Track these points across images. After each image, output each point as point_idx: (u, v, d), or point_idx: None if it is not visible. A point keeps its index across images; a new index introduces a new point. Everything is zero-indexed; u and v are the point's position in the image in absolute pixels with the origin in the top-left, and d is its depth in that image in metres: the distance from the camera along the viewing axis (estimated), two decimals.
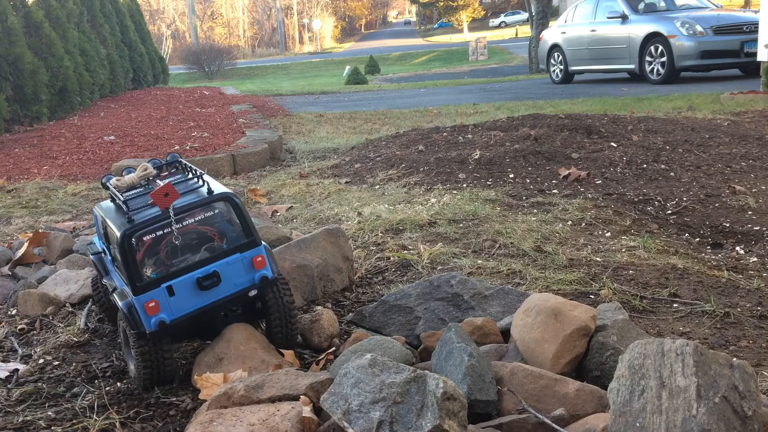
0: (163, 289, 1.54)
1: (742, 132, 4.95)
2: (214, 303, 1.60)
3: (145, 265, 1.54)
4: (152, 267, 1.55)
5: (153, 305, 1.53)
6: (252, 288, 1.63)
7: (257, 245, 1.63)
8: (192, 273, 1.56)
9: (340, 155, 5.35)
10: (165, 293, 1.54)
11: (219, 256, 1.59)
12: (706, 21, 10.16)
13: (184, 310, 1.57)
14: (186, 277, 1.56)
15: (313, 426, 1.29)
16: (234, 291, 1.62)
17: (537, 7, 16.90)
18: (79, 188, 4.54)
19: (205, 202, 1.59)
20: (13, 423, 1.54)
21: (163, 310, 1.54)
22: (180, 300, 1.56)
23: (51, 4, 9.54)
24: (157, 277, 1.54)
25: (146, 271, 1.54)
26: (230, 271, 1.60)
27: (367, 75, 20.42)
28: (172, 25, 48.82)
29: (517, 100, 9.61)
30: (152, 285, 1.53)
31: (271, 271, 1.65)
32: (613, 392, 1.13)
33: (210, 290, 1.58)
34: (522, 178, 3.81)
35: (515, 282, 2.25)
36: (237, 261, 1.61)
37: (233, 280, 1.61)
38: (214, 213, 1.61)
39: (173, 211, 1.54)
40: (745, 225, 3.00)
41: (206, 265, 1.57)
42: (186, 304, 1.57)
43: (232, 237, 1.62)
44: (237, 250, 1.61)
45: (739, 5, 24.79)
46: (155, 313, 1.53)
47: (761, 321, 1.94)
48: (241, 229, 1.61)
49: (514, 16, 54.18)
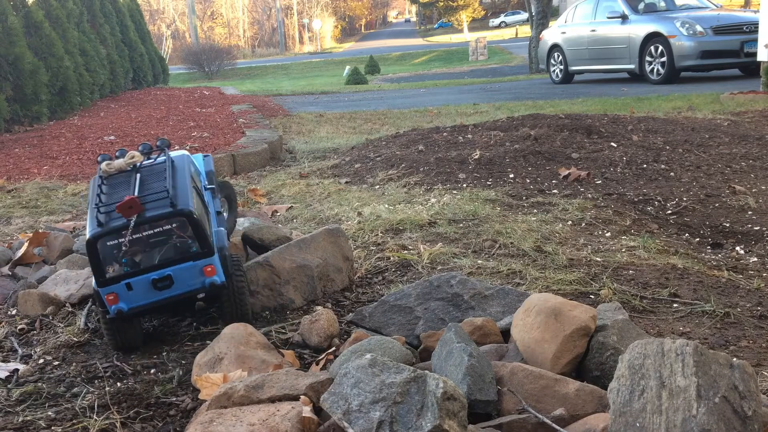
0: (123, 284, 1.76)
1: (742, 132, 4.95)
2: (167, 299, 1.81)
3: (108, 263, 1.75)
4: (114, 266, 1.76)
5: (112, 297, 1.77)
6: (201, 291, 1.83)
7: (210, 255, 1.81)
8: (148, 274, 1.77)
9: (340, 155, 5.36)
10: (124, 288, 1.76)
11: (174, 262, 1.78)
12: (706, 21, 10.15)
13: (140, 302, 1.79)
14: (143, 277, 1.77)
15: (313, 426, 1.29)
16: (185, 291, 1.82)
17: (537, 7, 16.90)
18: (79, 188, 4.54)
19: (164, 216, 1.75)
20: (13, 423, 1.54)
21: (121, 301, 1.77)
22: (137, 294, 1.78)
23: (51, 4, 9.54)
24: (117, 275, 1.75)
25: (109, 269, 1.75)
26: (183, 275, 1.80)
27: (367, 75, 20.43)
28: (172, 25, 48.82)
29: (517, 100, 9.61)
30: (113, 281, 1.75)
31: (221, 276, 1.84)
32: (613, 392, 1.13)
33: (164, 289, 1.80)
34: (522, 178, 3.81)
35: (515, 282, 2.25)
36: (190, 268, 1.80)
37: (186, 282, 1.81)
38: (171, 227, 1.77)
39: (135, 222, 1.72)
40: (745, 225, 3.01)
41: (162, 269, 1.77)
42: (142, 297, 1.79)
43: (187, 246, 1.79)
44: (190, 258, 1.79)
45: (739, 5, 24.79)
46: (114, 304, 1.77)
47: (761, 321, 1.94)
48: (197, 240, 1.79)
49: (514, 16, 54.18)
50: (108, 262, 1.75)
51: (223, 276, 1.85)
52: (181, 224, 1.77)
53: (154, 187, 1.81)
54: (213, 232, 1.94)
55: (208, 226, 1.91)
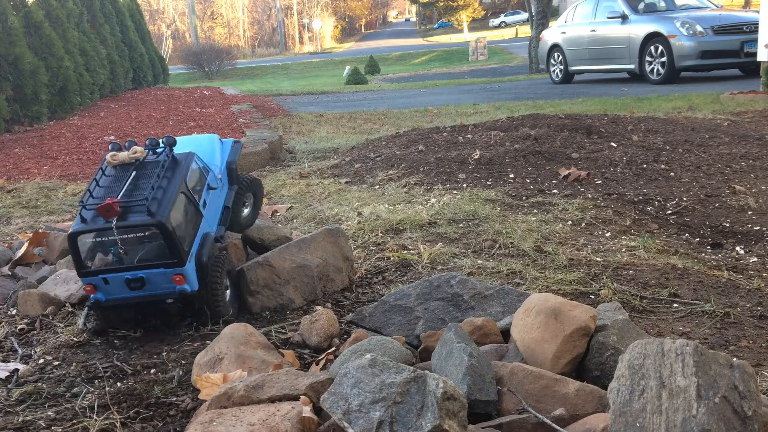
0: (99, 278, 1.88)
1: (742, 132, 4.95)
2: (140, 298, 1.92)
3: (88, 256, 1.87)
4: (93, 259, 1.88)
5: (89, 288, 1.90)
6: (171, 296, 1.91)
7: (180, 266, 1.88)
8: (123, 273, 1.87)
9: (340, 155, 5.35)
10: (101, 281, 1.89)
11: (147, 266, 1.87)
12: (706, 21, 10.15)
13: (116, 295, 1.91)
14: (117, 274, 1.88)
15: (313, 426, 1.29)
16: (156, 293, 1.91)
17: (537, 7, 16.90)
18: (79, 188, 4.54)
19: (138, 224, 1.83)
20: (13, 423, 1.54)
21: (99, 292, 1.90)
22: (113, 288, 1.90)
23: (51, 4, 9.54)
24: (95, 270, 1.87)
25: (88, 263, 1.87)
26: (155, 278, 1.89)
27: (367, 75, 20.42)
28: (172, 25, 48.81)
29: (517, 100, 9.61)
30: (91, 273, 1.87)
31: (193, 285, 1.92)
32: (613, 392, 1.13)
33: (137, 289, 1.90)
34: (522, 178, 3.81)
35: (515, 282, 2.25)
36: (160, 274, 1.88)
37: (157, 286, 1.90)
38: (147, 234, 1.85)
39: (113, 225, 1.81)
40: (745, 225, 3.01)
41: (136, 271, 1.87)
42: (117, 292, 1.91)
43: (161, 251, 1.87)
44: (162, 266, 1.88)
45: (739, 5, 24.79)
46: (92, 293, 1.90)
47: (761, 321, 1.94)
48: (168, 250, 1.86)
49: (514, 16, 54.17)
50: (87, 256, 1.87)
51: (195, 284, 1.92)
52: (154, 233, 1.84)
53: (141, 188, 1.89)
54: (198, 236, 1.99)
55: (193, 232, 1.97)
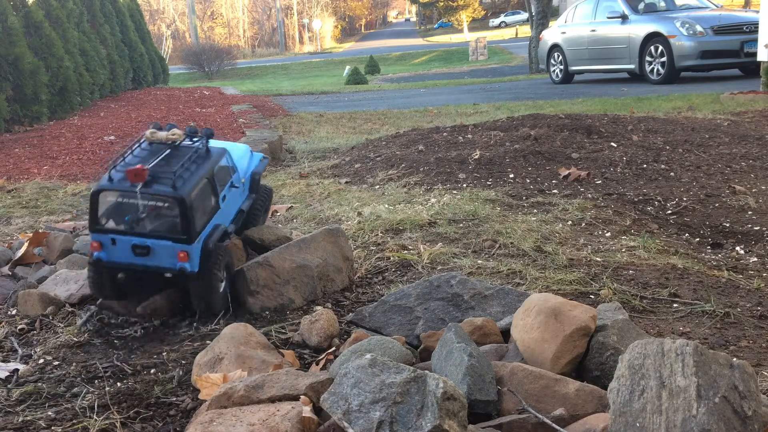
0: (108, 237, 1.93)
1: (742, 132, 4.95)
2: (142, 266, 1.96)
3: (104, 215, 1.93)
4: (108, 218, 1.94)
5: (96, 245, 1.95)
6: (170, 271, 1.95)
7: (188, 243, 1.92)
8: (131, 237, 1.92)
9: (340, 155, 5.35)
10: (109, 240, 1.94)
11: (155, 236, 1.92)
12: (706, 21, 10.15)
13: (118, 258, 1.95)
14: (126, 237, 1.92)
15: (313, 426, 1.29)
16: (158, 265, 1.95)
17: (537, 7, 16.90)
18: (79, 188, 4.54)
19: (160, 194, 1.90)
20: (13, 423, 1.54)
21: (103, 251, 1.95)
22: (118, 251, 1.94)
23: (51, 4, 9.54)
24: (106, 228, 1.93)
25: (102, 220, 1.93)
26: (160, 250, 1.93)
27: (367, 75, 20.42)
28: (172, 25, 48.81)
29: (517, 100, 9.61)
30: (101, 231, 1.93)
31: (194, 266, 1.95)
32: (613, 392, 1.13)
33: (141, 256, 1.94)
34: (522, 178, 3.81)
35: (515, 282, 2.25)
36: (167, 246, 1.93)
37: (160, 258, 1.94)
38: (165, 205, 1.91)
39: (134, 189, 1.89)
40: (745, 225, 3.01)
41: (144, 238, 1.92)
42: (121, 255, 1.95)
43: (173, 226, 1.92)
44: (170, 239, 1.92)
45: (739, 5, 24.79)
46: (96, 251, 1.95)
47: (761, 321, 1.94)
48: (180, 226, 1.91)
49: (514, 16, 54.16)
50: (103, 214, 1.93)
51: (196, 266, 1.96)
52: (172, 206, 1.90)
53: (171, 165, 1.96)
54: (211, 224, 2.04)
55: (207, 218, 2.02)
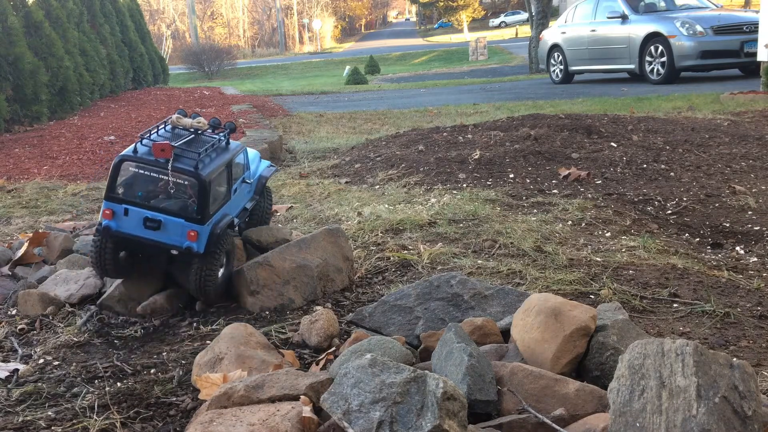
0: (122, 207, 1.99)
1: (742, 132, 4.95)
2: (149, 240, 2.01)
3: (122, 185, 2.00)
4: (125, 188, 2.01)
5: (108, 212, 1.99)
6: (177, 249, 2.01)
7: (200, 223, 1.99)
8: (145, 210, 1.99)
9: (340, 155, 5.35)
10: (122, 210, 1.99)
11: (169, 212, 1.99)
12: (706, 21, 10.15)
13: (128, 230, 2.00)
14: (139, 210, 1.99)
15: (313, 426, 1.29)
16: (166, 241, 2.00)
17: (537, 7, 16.90)
18: (79, 188, 4.54)
19: (180, 171, 1.97)
20: (13, 423, 1.54)
21: (114, 220, 2.00)
22: (129, 222, 1.99)
23: (51, 4, 9.54)
24: (122, 197, 2.00)
25: (119, 189, 2.00)
26: (171, 226, 1.99)
27: (367, 75, 20.42)
28: (172, 25, 48.81)
29: (517, 100, 9.61)
30: (117, 200, 1.99)
31: (201, 247, 2.00)
32: (613, 392, 1.13)
33: (150, 230, 1.99)
34: (522, 178, 3.81)
35: (515, 282, 2.25)
36: (178, 224, 1.99)
37: (169, 234, 2.00)
38: (185, 182, 1.98)
39: (157, 164, 1.96)
40: (745, 225, 3.00)
41: (157, 212, 1.98)
42: (131, 227, 2.00)
43: (187, 206, 2.00)
44: (182, 217, 1.98)
45: (739, 5, 24.79)
46: (107, 219, 2.00)
47: (761, 321, 1.94)
48: (196, 204, 1.98)
49: (514, 16, 54.14)
50: (121, 183, 2.00)
51: (202, 247, 2.01)
52: (191, 184, 1.97)
53: (193, 148, 2.03)
54: (221, 212, 2.11)
55: (219, 205, 2.09)
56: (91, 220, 3.51)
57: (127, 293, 2.19)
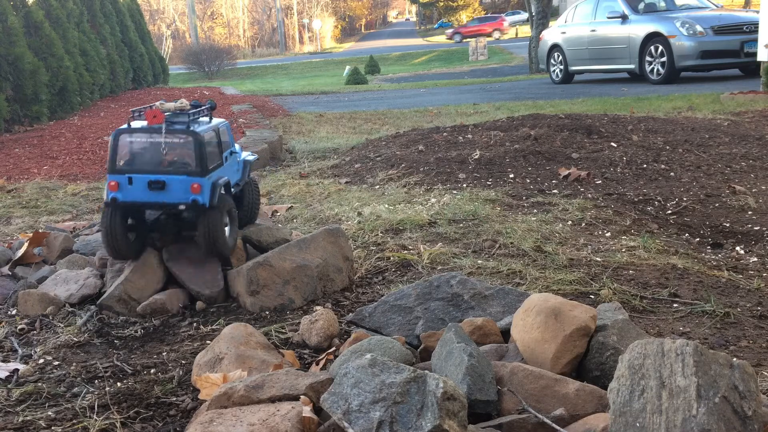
0: (126, 177, 2.11)
1: (742, 132, 4.95)
2: (156, 203, 2.14)
3: (123, 158, 2.13)
4: (126, 160, 2.13)
5: (113, 184, 2.12)
6: (184, 204, 2.13)
7: (201, 176, 2.12)
8: (147, 175, 2.11)
9: (340, 155, 5.35)
10: (126, 180, 2.12)
11: (170, 172, 2.12)
12: (706, 21, 10.15)
13: (134, 197, 2.13)
14: (143, 176, 2.11)
15: (313, 426, 1.29)
16: (172, 201, 2.13)
17: (537, 7, 16.90)
18: (79, 188, 4.54)
19: (175, 131, 2.12)
20: (13, 423, 1.54)
21: (120, 191, 2.12)
22: (134, 190, 2.12)
23: (51, 4, 9.54)
24: (123, 168, 2.13)
25: (120, 162, 2.13)
26: (174, 185, 2.11)
27: (367, 75, 20.41)
28: (172, 25, 48.81)
29: (517, 100, 9.61)
30: (120, 171, 2.12)
31: (205, 199, 2.12)
32: (613, 392, 1.13)
33: (156, 192, 2.11)
34: (522, 178, 3.81)
35: (515, 282, 2.25)
36: (182, 181, 2.12)
37: (174, 193, 2.12)
38: (181, 141, 2.12)
39: (151, 130, 2.12)
40: (745, 225, 3.00)
41: (159, 175, 2.11)
42: (137, 194, 2.13)
43: (186, 165, 2.13)
44: (185, 173, 2.12)
45: (740, 5, 24.79)
46: (113, 191, 2.12)
47: (761, 321, 1.94)
48: (195, 160, 2.12)
49: (514, 16, 54.11)
50: (120, 156, 2.13)
51: (207, 199, 2.12)
52: (186, 142, 2.12)
53: (181, 118, 2.19)
54: (217, 172, 2.23)
55: (216, 163, 2.22)
56: (91, 220, 3.51)
57: (127, 293, 2.19)
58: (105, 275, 2.38)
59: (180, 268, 2.27)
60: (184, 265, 2.28)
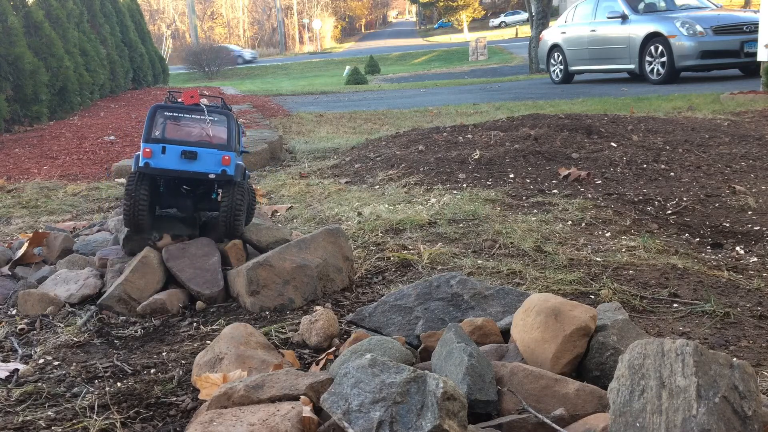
0: (160, 146, 2.27)
1: (742, 132, 4.95)
2: (187, 171, 2.28)
3: (158, 129, 2.30)
4: (161, 130, 2.30)
5: (148, 150, 2.26)
6: (214, 174, 2.28)
7: (231, 151, 2.31)
8: (181, 146, 2.28)
9: (340, 155, 5.35)
10: (159, 149, 2.26)
11: (203, 145, 2.29)
12: (706, 21, 10.15)
13: (165, 165, 2.27)
14: (176, 146, 2.27)
15: (313, 426, 1.29)
16: (203, 170, 2.28)
17: (537, 7, 16.90)
18: (79, 188, 4.54)
19: (211, 110, 2.34)
20: (13, 423, 1.54)
21: (152, 158, 2.26)
22: (167, 158, 2.27)
23: (51, 4, 9.54)
24: (159, 137, 2.29)
25: (156, 132, 2.29)
26: (206, 156, 2.28)
27: (367, 75, 20.42)
28: (172, 25, 48.81)
29: (517, 100, 9.61)
30: (155, 140, 2.28)
31: (233, 171, 2.29)
32: (613, 392, 1.13)
33: (187, 161, 2.27)
34: (522, 178, 3.81)
35: (515, 282, 2.25)
36: (213, 153, 2.29)
37: (205, 163, 2.28)
38: (215, 119, 2.33)
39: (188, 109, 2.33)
40: (745, 225, 3.00)
41: (193, 146, 2.28)
42: (169, 162, 2.27)
43: (220, 137, 2.32)
44: (216, 147, 2.30)
45: (739, 5, 24.78)
46: (147, 157, 2.26)
47: (761, 321, 1.94)
48: (227, 136, 2.31)
49: (514, 16, 54.16)
50: (157, 126, 2.30)
51: (233, 172, 2.29)
52: (221, 120, 2.33)
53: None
54: (239, 157, 2.40)
55: (237, 144, 2.38)
56: (91, 220, 3.51)
57: (127, 293, 2.19)
58: (105, 275, 2.38)
59: (180, 268, 2.27)
60: (184, 265, 2.28)
